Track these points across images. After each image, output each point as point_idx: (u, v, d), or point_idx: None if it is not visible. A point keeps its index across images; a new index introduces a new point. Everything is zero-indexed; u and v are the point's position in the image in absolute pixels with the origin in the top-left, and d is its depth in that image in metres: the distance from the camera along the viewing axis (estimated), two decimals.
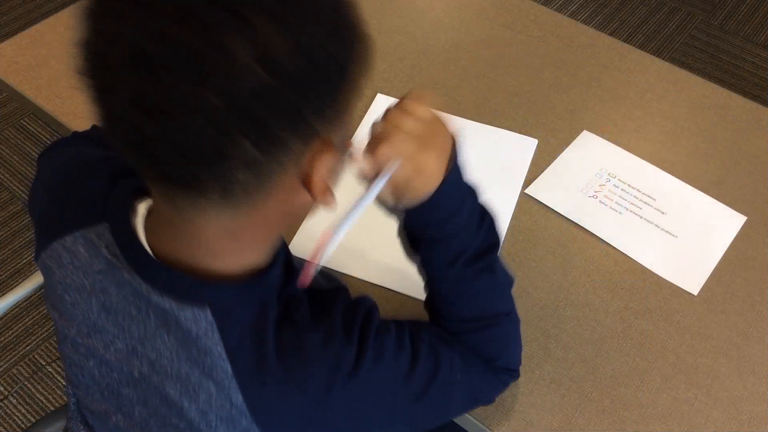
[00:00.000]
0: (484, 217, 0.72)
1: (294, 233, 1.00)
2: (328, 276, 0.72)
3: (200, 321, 0.57)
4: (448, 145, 0.68)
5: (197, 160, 0.48)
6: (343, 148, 0.58)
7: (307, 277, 0.60)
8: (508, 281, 0.77)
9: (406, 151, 0.64)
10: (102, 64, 0.46)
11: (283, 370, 0.58)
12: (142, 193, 0.62)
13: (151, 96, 0.45)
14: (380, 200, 0.69)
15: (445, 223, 0.69)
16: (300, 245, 0.98)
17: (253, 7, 0.45)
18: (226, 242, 0.57)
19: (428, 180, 0.66)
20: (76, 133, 0.90)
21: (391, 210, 0.71)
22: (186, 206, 0.52)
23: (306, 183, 0.55)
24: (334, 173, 0.58)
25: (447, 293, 0.73)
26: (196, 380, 0.58)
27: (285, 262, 0.63)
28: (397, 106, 0.67)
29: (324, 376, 0.60)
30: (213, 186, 0.49)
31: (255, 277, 0.60)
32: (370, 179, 0.65)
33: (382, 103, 1.18)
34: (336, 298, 0.65)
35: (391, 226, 0.74)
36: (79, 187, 0.68)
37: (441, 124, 0.68)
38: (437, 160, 0.66)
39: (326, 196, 0.56)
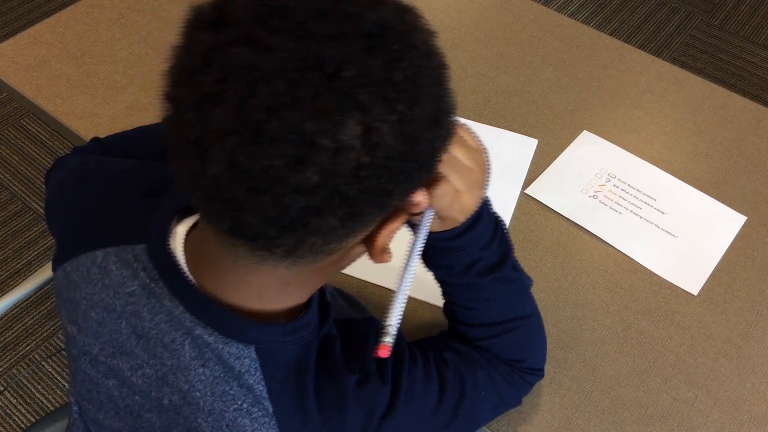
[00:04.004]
0: (497, 227, 0.71)
1: None
2: (355, 302, 0.72)
3: (244, 358, 0.57)
4: (485, 177, 0.66)
5: (277, 227, 0.47)
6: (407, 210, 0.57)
7: (384, 350, 0.56)
8: (525, 284, 0.76)
9: (459, 188, 0.62)
10: (205, 119, 0.44)
11: (321, 416, 0.59)
12: (179, 212, 0.61)
13: (251, 166, 0.44)
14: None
15: (460, 237, 0.67)
16: None
17: (370, 92, 0.44)
18: (275, 287, 0.57)
19: (466, 213, 0.65)
20: (78, 148, 0.88)
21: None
22: (246, 254, 0.51)
23: (368, 242, 0.55)
24: (396, 232, 0.57)
25: (464, 301, 0.73)
26: (230, 416, 0.58)
27: (319, 299, 0.63)
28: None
29: (360, 420, 0.60)
30: (282, 245, 0.48)
31: (296, 316, 0.60)
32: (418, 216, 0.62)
33: None
34: (367, 332, 0.64)
35: None
36: (110, 201, 0.66)
37: (484, 156, 0.66)
38: (480, 195, 0.65)
39: (384, 255, 0.56)
